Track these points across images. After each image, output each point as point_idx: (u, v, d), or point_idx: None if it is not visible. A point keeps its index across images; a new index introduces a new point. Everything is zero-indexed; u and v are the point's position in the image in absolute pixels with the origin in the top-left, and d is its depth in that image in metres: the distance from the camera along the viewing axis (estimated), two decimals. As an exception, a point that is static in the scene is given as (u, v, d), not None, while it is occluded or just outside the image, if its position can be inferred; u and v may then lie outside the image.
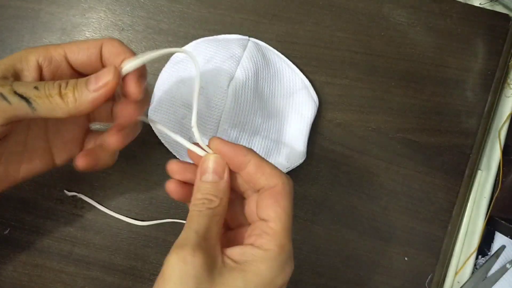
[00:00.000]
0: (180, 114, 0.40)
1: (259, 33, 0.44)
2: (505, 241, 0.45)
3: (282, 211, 0.25)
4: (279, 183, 0.26)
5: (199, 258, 0.22)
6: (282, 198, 0.26)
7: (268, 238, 0.25)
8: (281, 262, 0.25)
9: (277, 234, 0.25)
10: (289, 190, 0.26)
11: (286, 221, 0.25)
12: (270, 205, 0.26)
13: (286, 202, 0.26)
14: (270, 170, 0.26)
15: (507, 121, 0.46)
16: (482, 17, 0.45)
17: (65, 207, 0.43)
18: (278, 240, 0.25)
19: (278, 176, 0.26)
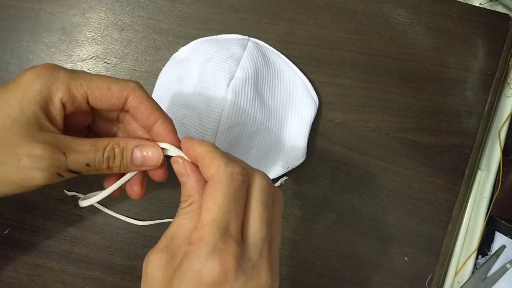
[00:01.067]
0: (180, 114, 0.41)
1: (259, 33, 0.44)
2: (505, 241, 0.45)
3: (212, 202, 0.23)
4: (214, 173, 0.24)
5: (162, 258, 0.23)
6: (214, 189, 0.23)
7: (195, 232, 0.23)
8: (202, 256, 0.22)
9: (202, 226, 0.23)
10: (226, 180, 0.23)
11: (215, 213, 0.23)
12: (204, 196, 0.24)
13: (219, 193, 0.23)
14: (209, 161, 0.25)
15: (507, 121, 0.46)
16: (482, 17, 0.45)
17: (65, 207, 0.43)
18: (201, 232, 0.23)
19: (214, 166, 0.24)
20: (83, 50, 0.44)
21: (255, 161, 0.41)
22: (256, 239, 0.23)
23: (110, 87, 0.27)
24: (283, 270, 0.43)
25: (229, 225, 0.23)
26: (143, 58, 0.44)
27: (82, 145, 0.26)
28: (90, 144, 0.26)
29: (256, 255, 0.23)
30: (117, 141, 0.27)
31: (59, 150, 0.25)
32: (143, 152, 0.28)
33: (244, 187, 0.24)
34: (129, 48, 0.44)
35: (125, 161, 0.27)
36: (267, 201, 0.25)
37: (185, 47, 0.43)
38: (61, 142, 0.26)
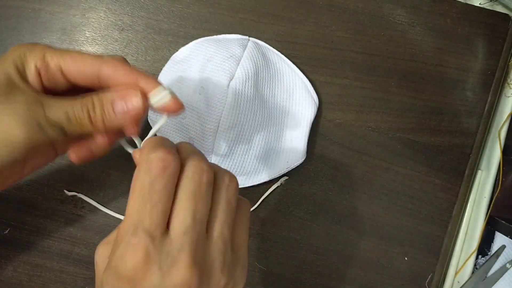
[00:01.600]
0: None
1: (259, 33, 0.44)
2: (505, 241, 0.45)
3: (130, 195, 0.22)
4: (137, 162, 0.23)
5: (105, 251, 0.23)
6: (133, 179, 0.23)
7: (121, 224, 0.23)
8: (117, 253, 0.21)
9: (123, 221, 0.22)
10: (143, 169, 0.22)
11: (131, 207, 0.22)
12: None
13: (135, 184, 0.22)
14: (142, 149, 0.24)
15: (507, 121, 0.46)
16: (482, 17, 0.45)
17: (65, 207, 0.43)
18: (120, 228, 0.22)
19: (139, 152, 0.24)
20: (83, 50, 0.44)
21: (255, 161, 0.41)
22: (178, 232, 0.22)
23: (83, 58, 0.27)
24: (283, 270, 0.43)
25: (143, 218, 0.21)
26: (143, 58, 0.44)
27: (60, 100, 0.26)
28: (69, 99, 0.26)
29: (176, 249, 0.21)
30: (94, 95, 0.27)
31: (37, 103, 0.25)
32: (124, 101, 0.26)
33: (166, 176, 0.22)
34: (129, 48, 0.44)
35: (107, 112, 0.26)
36: (196, 190, 0.23)
37: (185, 47, 0.43)
38: (41, 98, 0.26)
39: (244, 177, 0.41)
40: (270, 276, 0.43)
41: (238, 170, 0.41)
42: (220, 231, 0.24)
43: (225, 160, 0.41)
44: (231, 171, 0.41)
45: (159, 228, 0.21)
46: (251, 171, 0.41)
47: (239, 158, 0.41)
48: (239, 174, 0.41)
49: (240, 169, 0.41)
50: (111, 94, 0.27)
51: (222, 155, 0.40)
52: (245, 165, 0.41)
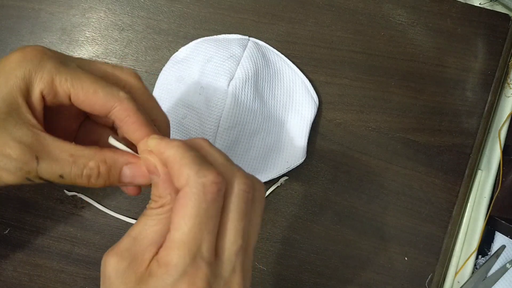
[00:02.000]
0: (180, 114, 0.41)
1: (259, 33, 0.44)
2: (505, 241, 0.45)
3: (182, 222, 0.21)
4: (185, 186, 0.21)
5: (123, 263, 0.21)
6: (182, 204, 0.21)
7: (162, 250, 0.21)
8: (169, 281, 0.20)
9: (169, 246, 0.21)
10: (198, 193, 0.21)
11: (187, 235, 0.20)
12: (174, 210, 0.21)
13: (188, 210, 0.21)
14: (178, 169, 0.21)
15: (507, 121, 0.46)
16: (482, 17, 0.45)
17: (65, 207, 0.43)
18: (169, 255, 0.21)
19: (184, 176, 0.21)
20: (83, 50, 0.44)
21: (255, 161, 0.41)
22: (229, 253, 0.22)
23: (96, 91, 0.24)
24: (283, 270, 0.43)
25: (200, 246, 0.21)
26: (143, 58, 0.44)
27: (60, 152, 0.23)
28: (69, 154, 0.23)
29: (229, 271, 0.21)
30: (103, 157, 0.24)
31: (32, 153, 0.23)
32: (133, 172, 0.25)
33: (219, 199, 0.21)
34: (129, 48, 0.44)
35: (111, 178, 0.25)
36: (245, 208, 0.22)
37: (185, 47, 0.43)
38: (39, 142, 0.23)
39: (244, 177, 0.41)
40: (270, 276, 0.43)
41: (238, 170, 0.41)
42: (253, 244, 0.24)
43: (225, 160, 0.41)
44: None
45: (213, 253, 0.21)
46: (251, 171, 0.41)
47: (239, 158, 0.41)
48: (239, 174, 0.41)
49: (240, 169, 0.41)
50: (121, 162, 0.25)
51: (222, 155, 0.40)
52: (245, 165, 0.41)
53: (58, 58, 0.24)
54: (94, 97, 0.24)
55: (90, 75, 0.24)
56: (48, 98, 0.24)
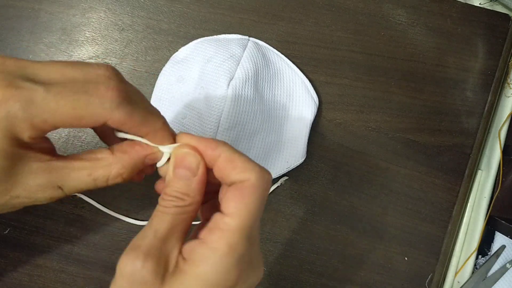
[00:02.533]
0: (180, 114, 0.41)
1: (259, 33, 0.44)
2: (505, 241, 0.45)
3: (244, 207, 0.22)
4: (251, 178, 0.23)
5: (149, 264, 0.21)
6: (249, 193, 0.23)
7: (219, 235, 0.22)
8: (228, 264, 0.22)
9: (231, 231, 0.22)
10: (262, 186, 0.23)
11: (247, 219, 0.22)
12: (233, 198, 0.23)
13: (253, 199, 0.23)
14: (241, 164, 0.24)
15: (507, 121, 0.46)
16: (482, 17, 0.45)
17: (65, 207, 0.43)
18: (230, 238, 0.22)
19: (250, 170, 0.23)
20: (83, 50, 0.44)
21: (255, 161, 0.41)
22: (256, 234, 0.24)
23: (80, 116, 0.21)
24: (283, 270, 0.43)
25: (253, 230, 0.23)
26: (143, 58, 0.44)
27: (78, 174, 0.23)
28: (87, 173, 0.23)
29: (257, 249, 0.25)
30: (121, 165, 0.24)
31: (52, 185, 0.23)
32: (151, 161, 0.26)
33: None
34: (129, 48, 0.44)
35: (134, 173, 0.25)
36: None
37: (185, 47, 0.43)
38: (53, 169, 0.23)
39: (244, 177, 0.41)
40: (270, 276, 0.43)
41: (238, 170, 0.41)
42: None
43: (225, 160, 0.41)
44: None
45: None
46: (251, 171, 0.41)
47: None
48: (239, 174, 0.41)
49: (240, 169, 0.41)
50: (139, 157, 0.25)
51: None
52: (245, 165, 0.41)
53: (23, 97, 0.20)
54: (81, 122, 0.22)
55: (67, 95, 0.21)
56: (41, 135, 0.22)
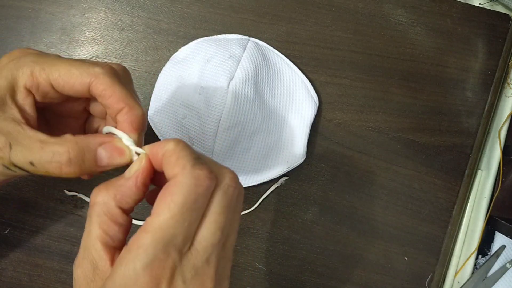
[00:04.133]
0: (180, 114, 0.41)
1: (259, 33, 0.44)
2: (505, 241, 0.45)
3: (165, 206, 0.20)
4: (178, 174, 0.21)
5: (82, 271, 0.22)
6: (171, 191, 0.21)
7: (135, 237, 0.21)
8: (136, 268, 0.20)
9: (145, 231, 0.21)
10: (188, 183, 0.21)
11: (166, 219, 0.20)
12: (159, 197, 0.21)
13: (175, 198, 0.20)
14: (175, 160, 0.22)
15: (507, 121, 0.46)
16: (482, 17, 0.45)
17: (65, 207, 0.43)
18: (142, 239, 0.20)
19: (179, 166, 0.21)
20: (83, 50, 0.44)
21: (255, 161, 0.41)
22: (206, 244, 0.21)
23: (71, 72, 0.24)
24: (283, 270, 0.43)
25: (178, 234, 0.20)
26: (143, 58, 0.44)
27: (30, 139, 0.24)
28: (39, 140, 0.24)
29: (202, 262, 0.21)
30: (76, 141, 0.24)
31: (6, 141, 0.23)
32: (109, 151, 0.24)
33: (207, 194, 0.22)
34: (129, 48, 0.44)
35: (87, 163, 0.24)
36: (229, 203, 0.23)
37: (185, 47, 0.43)
38: (16, 132, 0.24)
39: (244, 177, 0.41)
40: (270, 276, 0.43)
41: (238, 170, 0.41)
42: (232, 242, 0.24)
43: (225, 160, 0.41)
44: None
45: (188, 243, 0.21)
46: (251, 171, 0.41)
47: (239, 158, 0.41)
48: (239, 174, 0.41)
49: (240, 169, 0.41)
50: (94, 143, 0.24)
51: (222, 155, 0.40)
52: (245, 165, 0.41)
53: (38, 54, 0.25)
54: (71, 78, 0.24)
55: (66, 60, 0.25)
56: (34, 90, 0.25)
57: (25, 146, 0.23)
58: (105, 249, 0.22)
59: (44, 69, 0.24)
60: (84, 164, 0.24)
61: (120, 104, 0.25)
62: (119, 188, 0.23)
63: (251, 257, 0.43)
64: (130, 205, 0.23)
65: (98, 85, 0.25)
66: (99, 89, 0.25)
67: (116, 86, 0.25)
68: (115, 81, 0.25)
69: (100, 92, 0.25)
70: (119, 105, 0.25)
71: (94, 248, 0.22)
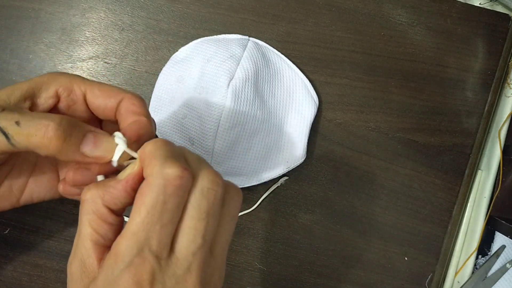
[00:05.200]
0: (180, 114, 0.41)
1: (259, 33, 0.44)
2: (505, 241, 0.45)
3: (136, 209, 0.20)
4: (149, 174, 0.21)
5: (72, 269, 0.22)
6: (142, 193, 0.20)
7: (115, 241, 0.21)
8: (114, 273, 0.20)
9: (120, 236, 0.20)
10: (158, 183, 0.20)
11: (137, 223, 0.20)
12: (135, 200, 0.21)
13: (146, 199, 0.20)
14: (149, 160, 0.21)
15: (507, 121, 0.46)
16: (482, 17, 0.45)
17: (65, 207, 0.43)
18: (117, 245, 0.20)
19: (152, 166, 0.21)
20: (83, 50, 0.44)
21: (255, 161, 0.41)
22: (186, 252, 0.21)
23: (110, 87, 0.27)
24: (283, 270, 0.43)
25: (150, 238, 0.20)
26: (143, 58, 0.44)
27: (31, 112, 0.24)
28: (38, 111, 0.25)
29: (182, 270, 0.21)
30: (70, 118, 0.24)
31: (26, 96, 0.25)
32: (97, 141, 0.24)
33: (180, 193, 0.21)
34: (129, 48, 0.44)
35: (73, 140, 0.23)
36: (208, 207, 0.21)
37: (185, 47, 0.43)
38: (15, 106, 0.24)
39: (244, 177, 0.41)
40: (270, 276, 0.43)
41: (238, 170, 0.41)
42: (222, 247, 0.23)
43: (225, 160, 0.41)
44: (231, 171, 0.41)
45: (166, 249, 0.21)
46: (251, 171, 0.41)
47: (239, 158, 0.41)
48: (239, 174, 0.41)
49: (240, 169, 0.41)
50: (88, 127, 0.24)
51: (222, 155, 0.40)
52: (245, 165, 0.41)
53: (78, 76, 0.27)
54: (108, 93, 0.26)
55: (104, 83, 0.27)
56: (63, 96, 0.26)
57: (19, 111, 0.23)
58: (94, 247, 0.22)
59: (84, 82, 0.26)
60: (69, 140, 0.23)
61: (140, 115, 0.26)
62: (108, 189, 0.22)
63: (251, 257, 0.43)
64: (119, 206, 0.23)
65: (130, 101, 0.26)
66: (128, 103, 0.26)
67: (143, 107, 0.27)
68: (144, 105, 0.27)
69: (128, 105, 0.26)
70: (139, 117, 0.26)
71: (84, 246, 0.22)
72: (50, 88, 0.26)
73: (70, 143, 0.23)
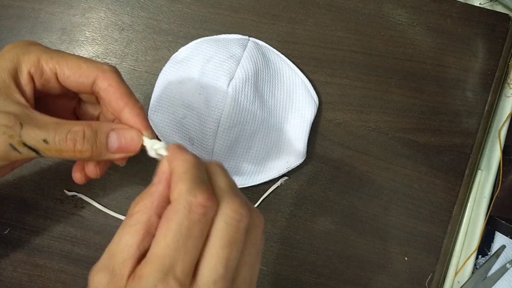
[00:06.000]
0: (180, 113, 0.41)
1: (259, 33, 0.44)
2: (505, 241, 0.45)
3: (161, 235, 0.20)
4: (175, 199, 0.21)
5: (99, 278, 0.21)
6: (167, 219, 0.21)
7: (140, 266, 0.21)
8: None
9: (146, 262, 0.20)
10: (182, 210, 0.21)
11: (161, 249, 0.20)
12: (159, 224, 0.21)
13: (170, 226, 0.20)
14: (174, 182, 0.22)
15: (507, 121, 0.46)
16: (482, 17, 0.45)
17: (65, 207, 0.43)
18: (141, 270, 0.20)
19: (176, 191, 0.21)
20: (83, 50, 0.44)
21: (255, 161, 0.41)
22: (207, 281, 0.21)
23: (79, 64, 0.26)
24: (283, 270, 0.43)
25: (175, 264, 0.20)
26: (143, 58, 0.44)
27: (45, 119, 0.24)
28: (55, 121, 0.24)
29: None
30: (89, 123, 0.25)
31: (16, 120, 0.23)
32: (120, 136, 0.25)
33: (204, 221, 0.21)
34: (129, 48, 0.44)
35: (99, 145, 0.25)
36: (232, 237, 0.21)
37: (185, 47, 0.43)
38: (25, 113, 0.24)
39: (244, 177, 0.41)
40: (270, 276, 0.43)
41: (238, 170, 0.41)
42: (245, 277, 0.23)
43: (225, 160, 0.41)
44: (231, 171, 0.41)
45: (189, 277, 0.21)
46: (251, 171, 0.41)
47: (239, 158, 0.41)
48: (239, 174, 0.41)
49: (240, 169, 0.41)
50: (107, 126, 0.25)
51: (222, 155, 0.40)
52: (245, 165, 0.41)
53: (46, 46, 0.26)
54: (79, 70, 0.25)
55: (75, 55, 0.26)
56: (36, 77, 0.25)
57: (38, 125, 0.24)
58: (131, 258, 0.21)
59: (52, 58, 0.25)
60: (96, 146, 0.25)
61: (123, 100, 0.26)
62: (153, 195, 0.22)
63: (251, 257, 0.43)
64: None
65: (105, 80, 0.26)
66: (104, 84, 0.26)
67: (121, 83, 0.26)
68: (120, 79, 0.26)
69: (106, 86, 0.26)
70: (122, 101, 0.26)
71: (121, 256, 0.21)
72: (23, 71, 0.25)
73: (98, 148, 0.25)
